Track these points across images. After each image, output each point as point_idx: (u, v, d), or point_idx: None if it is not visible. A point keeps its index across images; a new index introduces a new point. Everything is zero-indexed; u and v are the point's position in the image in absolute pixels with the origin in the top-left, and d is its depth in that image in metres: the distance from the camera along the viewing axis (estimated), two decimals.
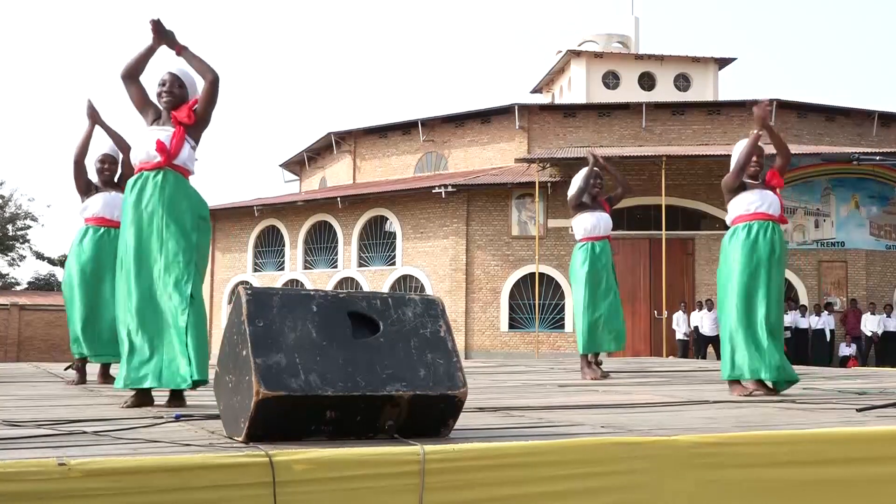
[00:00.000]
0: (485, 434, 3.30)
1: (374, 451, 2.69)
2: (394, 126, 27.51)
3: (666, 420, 3.95)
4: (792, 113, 24.18)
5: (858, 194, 23.09)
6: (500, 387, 6.72)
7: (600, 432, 3.39)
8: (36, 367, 9.68)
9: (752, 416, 4.21)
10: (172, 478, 2.44)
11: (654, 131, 24.42)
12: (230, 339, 3.11)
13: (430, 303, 3.31)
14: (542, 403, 4.92)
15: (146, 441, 2.96)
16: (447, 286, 23.16)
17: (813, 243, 22.94)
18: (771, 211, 5.88)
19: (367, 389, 2.98)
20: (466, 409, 3.40)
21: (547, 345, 22.58)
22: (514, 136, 24.91)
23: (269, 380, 2.86)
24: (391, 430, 3.03)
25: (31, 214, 43.56)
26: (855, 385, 6.86)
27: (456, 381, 3.14)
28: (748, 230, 5.83)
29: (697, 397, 5.45)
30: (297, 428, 2.93)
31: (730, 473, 3.10)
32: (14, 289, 41.47)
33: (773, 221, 5.87)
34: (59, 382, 6.83)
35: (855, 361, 21.17)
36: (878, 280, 23.20)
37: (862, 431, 3.43)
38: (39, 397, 5.31)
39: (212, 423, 3.53)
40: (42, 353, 30.79)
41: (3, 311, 31.86)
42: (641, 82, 30.72)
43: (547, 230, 22.75)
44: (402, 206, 24.26)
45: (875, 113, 24.90)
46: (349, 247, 25.03)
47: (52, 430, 3.29)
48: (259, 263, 26.93)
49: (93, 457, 2.45)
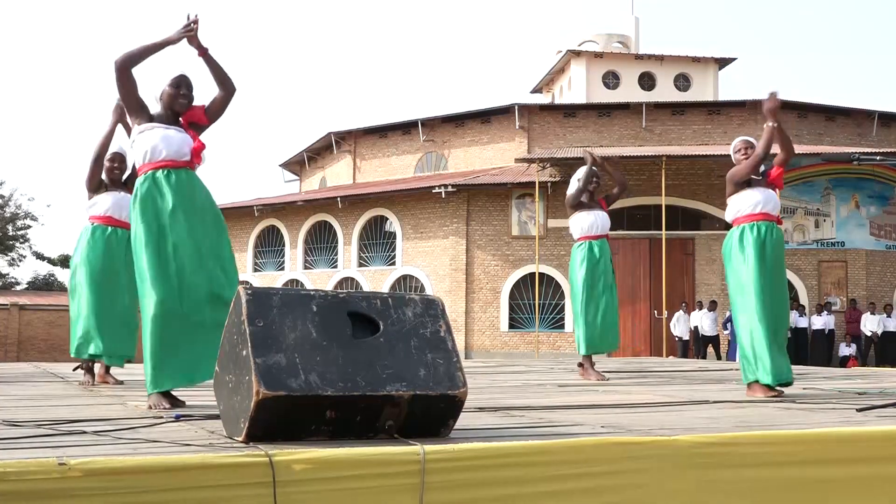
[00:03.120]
0: (485, 434, 3.30)
1: (374, 451, 2.69)
2: (394, 126, 27.52)
3: (666, 420, 3.95)
4: (792, 113, 24.17)
5: (858, 194, 23.09)
6: (500, 387, 6.72)
7: (600, 432, 3.38)
8: (36, 367, 9.68)
9: (752, 416, 4.21)
10: (172, 478, 2.44)
11: (654, 131, 24.43)
12: (230, 339, 3.11)
13: (430, 303, 3.31)
14: (542, 403, 4.92)
15: (146, 441, 2.96)
16: (447, 286, 23.16)
17: (813, 243, 22.95)
18: (775, 212, 5.88)
19: (367, 389, 2.98)
20: (466, 409, 3.40)
21: (547, 345, 22.58)
22: (514, 136, 24.92)
23: (269, 380, 2.86)
24: (391, 430, 3.03)
25: (31, 214, 43.63)
26: (855, 385, 6.86)
27: (456, 381, 3.13)
28: (757, 230, 5.79)
29: (697, 397, 5.45)
30: (297, 428, 2.93)
31: (730, 473, 3.10)
32: (14, 289, 41.46)
33: (775, 222, 5.87)
34: (59, 382, 6.83)
35: (855, 361, 21.17)
36: (878, 280, 23.20)
37: (862, 431, 3.43)
38: (39, 397, 5.30)
39: (212, 423, 3.52)
40: (42, 353, 30.80)
41: (3, 311, 31.85)
42: (641, 82, 30.73)
43: (547, 230, 22.75)
44: (402, 206, 24.27)
45: (875, 113, 24.90)
46: (349, 247, 25.04)
47: (52, 430, 3.29)
48: (259, 263, 26.94)
49: (93, 457, 2.44)
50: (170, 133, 4.64)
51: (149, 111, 4.71)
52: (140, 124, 4.67)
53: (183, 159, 4.64)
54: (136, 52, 4.64)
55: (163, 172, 4.59)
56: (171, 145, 4.61)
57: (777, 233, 5.86)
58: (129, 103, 4.70)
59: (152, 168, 4.60)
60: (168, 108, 4.71)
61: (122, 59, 4.62)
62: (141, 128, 4.65)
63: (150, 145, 4.60)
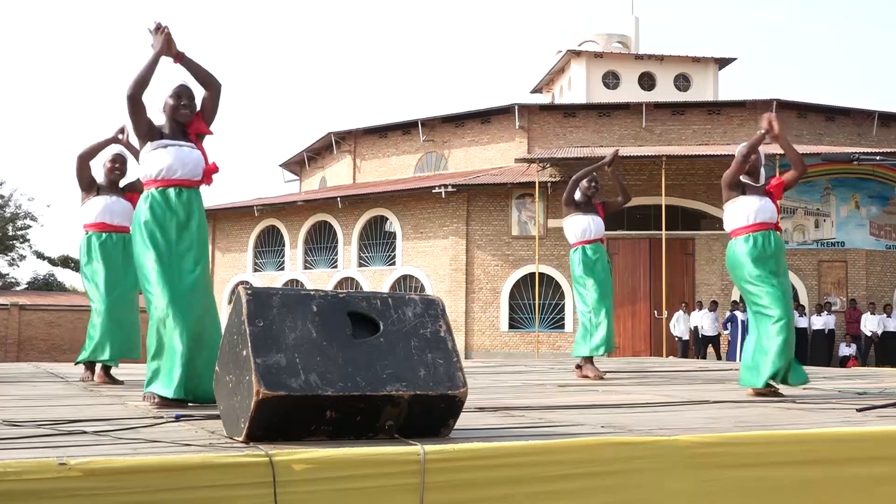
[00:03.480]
0: (485, 434, 3.30)
1: (374, 451, 2.69)
2: (394, 126, 27.51)
3: (666, 420, 3.95)
4: (792, 113, 24.18)
5: (858, 194, 23.09)
6: (500, 387, 6.72)
7: (600, 432, 3.38)
8: (36, 367, 9.67)
9: (752, 416, 4.21)
10: (172, 478, 2.44)
11: (654, 131, 24.42)
12: (230, 339, 3.11)
13: (430, 303, 3.31)
14: (542, 403, 4.92)
15: (146, 441, 2.96)
16: (447, 286, 23.16)
17: (813, 243, 22.94)
18: (772, 220, 5.89)
19: (367, 389, 2.98)
20: (466, 409, 3.40)
21: (547, 345, 22.58)
22: (514, 136, 24.91)
23: (269, 380, 2.86)
24: (391, 430, 3.03)
25: (31, 214, 43.58)
26: (855, 385, 6.87)
27: (456, 380, 3.13)
28: (765, 239, 5.82)
29: (697, 397, 5.45)
30: (297, 428, 2.93)
31: (730, 473, 3.10)
32: (14, 289, 41.46)
33: (773, 229, 5.88)
34: (60, 382, 6.83)
35: (855, 361, 21.17)
36: (877, 280, 23.20)
37: (862, 431, 3.43)
38: (39, 397, 5.30)
39: (212, 423, 3.53)
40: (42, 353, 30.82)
41: (3, 311, 31.87)
42: (641, 82, 30.72)
43: (547, 230, 22.74)
44: (402, 206, 24.26)
45: (875, 113, 24.89)
46: (349, 247, 25.03)
47: (52, 430, 3.29)
48: (259, 263, 26.93)
49: (93, 457, 2.45)
50: (184, 151, 4.65)
51: (157, 129, 4.71)
52: (151, 141, 4.67)
53: (195, 179, 4.68)
54: (143, 78, 4.61)
55: (175, 190, 4.62)
56: (185, 165, 4.64)
57: (776, 239, 5.86)
58: (140, 129, 4.70)
59: (164, 185, 4.63)
60: (171, 119, 4.71)
61: (133, 89, 4.59)
62: (153, 144, 4.66)
63: (165, 164, 4.62)
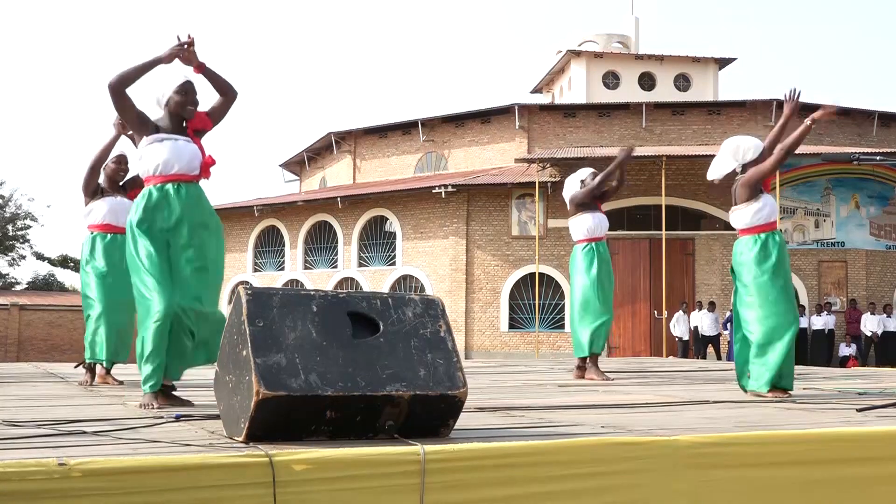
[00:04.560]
0: (485, 434, 3.30)
1: (374, 451, 2.69)
2: (394, 126, 27.51)
3: (666, 420, 3.95)
4: None
5: (858, 194, 23.09)
6: (500, 387, 6.72)
7: (600, 432, 3.38)
8: (36, 367, 9.68)
9: (752, 416, 4.21)
10: (172, 478, 2.44)
11: (654, 131, 24.43)
12: (230, 339, 3.11)
13: (430, 303, 3.31)
14: (542, 403, 4.92)
15: (146, 441, 2.96)
16: (447, 286, 23.16)
17: (813, 243, 22.95)
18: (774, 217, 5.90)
19: (367, 389, 2.98)
20: (466, 409, 3.40)
21: (547, 345, 22.58)
22: (514, 136, 24.91)
23: (269, 380, 2.86)
24: (391, 430, 3.03)
25: (31, 214, 43.59)
26: (855, 385, 6.87)
27: (456, 381, 3.13)
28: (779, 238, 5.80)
29: (697, 397, 5.45)
30: (297, 428, 2.93)
31: (730, 473, 3.10)
32: (14, 289, 41.47)
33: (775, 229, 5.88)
34: (60, 382, 6.83)
35: (855, 361, 21.17)
36: (877, 280, 23.20)
37: (862, 431, 3.43)
38: (39, 397, 5.30)
39: (212, 423, 3.52)
40: (42, 353, 30.83)
41: (3, 311, 31.88)
42: (641, 82, 30.71)
43: (547, 230, 22.75)
44: (402, 206, 24.27)
45: (875, 113, 24.88)
46: (349, 247, 25.03)
47: (52, 430, 3.29)
48: (259, 263, 26.93)
49: (93, 457, 2.45)
50: (180, 145, 4.64)
51: (151, 122, 4.69)
52: (146, 135, 4.66)
53: (193, 173, 4.67)
54: (129, 74, 4.63)
55: (173, 186, 4.62)
56: (181, 159, 4.62)
57: (780, 238, 5.86)
58: (130, 120, 4.72)
59: (162, 181, 4.62)
60: (175, 115, 4.69)
61: (115, 81, 4.61)
62: (149, 139, 4.64)
63: (161, 159, 4.61)
